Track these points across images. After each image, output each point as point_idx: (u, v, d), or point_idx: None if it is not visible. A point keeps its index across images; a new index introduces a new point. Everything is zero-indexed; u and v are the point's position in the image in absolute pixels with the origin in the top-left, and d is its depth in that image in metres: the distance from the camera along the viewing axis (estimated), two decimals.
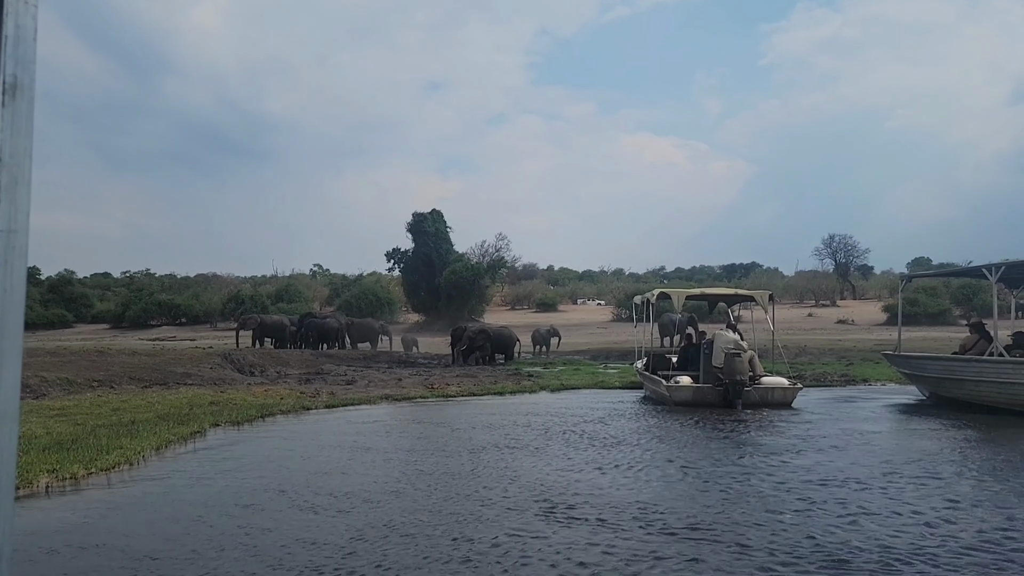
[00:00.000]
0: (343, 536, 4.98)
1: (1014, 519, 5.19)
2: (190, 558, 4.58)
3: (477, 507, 5.72)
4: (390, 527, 5.17)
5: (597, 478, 6.79)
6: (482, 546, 4.71)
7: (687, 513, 5.47)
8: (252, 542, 4.88)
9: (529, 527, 5.14)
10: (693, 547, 4.65)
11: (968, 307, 49.30)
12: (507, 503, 5.84)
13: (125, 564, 4.52)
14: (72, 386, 14.12)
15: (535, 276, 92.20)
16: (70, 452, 7.59)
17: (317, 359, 24.67)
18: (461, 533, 4.99)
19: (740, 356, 12.15)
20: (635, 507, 5.64)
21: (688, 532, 4.98)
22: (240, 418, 10.71)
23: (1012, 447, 8.54)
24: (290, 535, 5.01)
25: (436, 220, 62.74)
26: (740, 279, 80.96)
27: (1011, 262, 12.08)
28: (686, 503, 5.81)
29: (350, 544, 4.80)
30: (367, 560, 4.48)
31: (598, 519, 5.30)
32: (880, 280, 76.30)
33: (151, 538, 5.03)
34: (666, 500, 5.91)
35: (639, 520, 5.27)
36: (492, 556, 4.53)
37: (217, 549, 4.74)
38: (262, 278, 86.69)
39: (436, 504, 5.84)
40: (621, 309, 56.36)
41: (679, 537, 4.87)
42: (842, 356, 23.61)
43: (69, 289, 70.07)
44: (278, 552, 4.66)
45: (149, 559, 4.59)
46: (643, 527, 5.10)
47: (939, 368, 13.08)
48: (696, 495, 6.09)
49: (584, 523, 5.21)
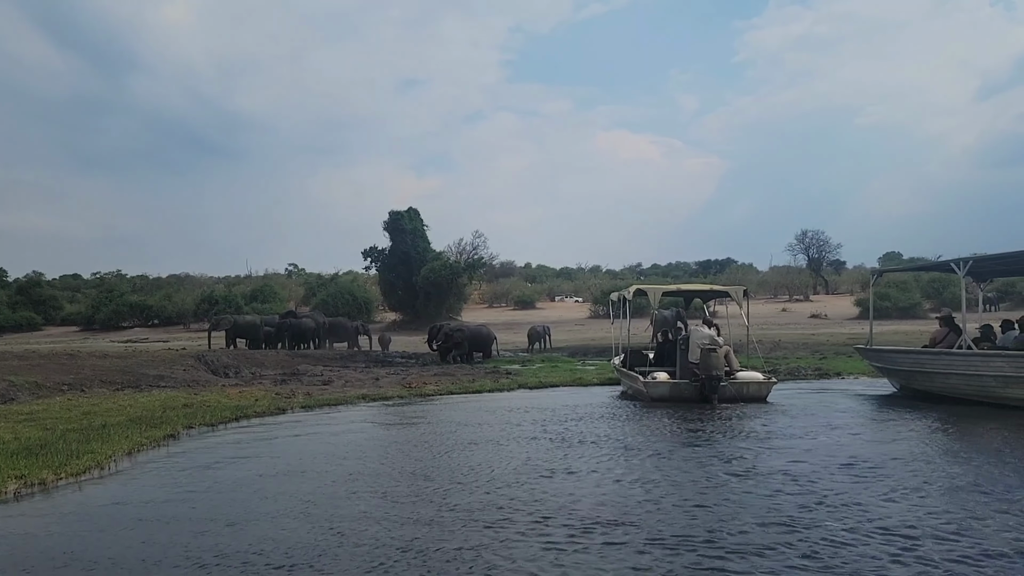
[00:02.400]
0: (302, 540, 4.92)
1: (974, 507, 5.29)
2: (156, 563, 4.52)
3: (436, 512, 5.64)
4: (341, 534, 5.05)
5: (561, 479, 6.79)
6: (434, 557, 4.60)
7: (660, 519, 5.49)
8: (218, 546, 4.82)
9: (498, 535, 5.11)
10: (668, 554, 4.67)
11: (938, 301, 50.06)
12: (472, 510, 5.80)
13: (88, 569, 4.45)
14: (41, 390, 13.88)
15: (513, 274, 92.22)
16: (39, 457, 7.47)
17: (293, 359, 24.45)
18: (412, 542, 4.83)
19: (716, 351, 12.23)
20: (602, 510, 5.65)
21: (656, 537, 5.00)
22: (214, 420, 10.60)
23: (979, 437, 8.68)
24: (256, 537, 4.96)
25: (413, 218, 62.48)
26: (715, 275, 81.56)
27: (979, 256, 12.28)
28: (655, 507, 5.82)
29: (300, 549, 4.74)
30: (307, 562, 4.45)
31: (565, 524, 5.28)
32: (852, 275, 77.28)
33: (117, 544, 4.95)
34: (636, 504, 5.93)
35: (601, 528, 5.25)
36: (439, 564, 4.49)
37: (183, 554, 4.68)
38: (236, 278, 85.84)
39: (390, 511, 5.73)
40: (599, 306, 56.55)
41: (654, 544, 4.89)
42: (815, 350, 23.87)
43: (38, 291, 68.87)
44: (244, 554, 4.61)
45: (113, 564, 4.51)
46: (605, 535, 5.11)
47: (910, 361, 13.27)
48: (666, 496, 6.11)
49: (541, 525, 5.21)
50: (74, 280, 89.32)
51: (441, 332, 25.58)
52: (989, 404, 11.06)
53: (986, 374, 11.25)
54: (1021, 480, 6.18)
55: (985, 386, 11.28)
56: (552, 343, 31.22)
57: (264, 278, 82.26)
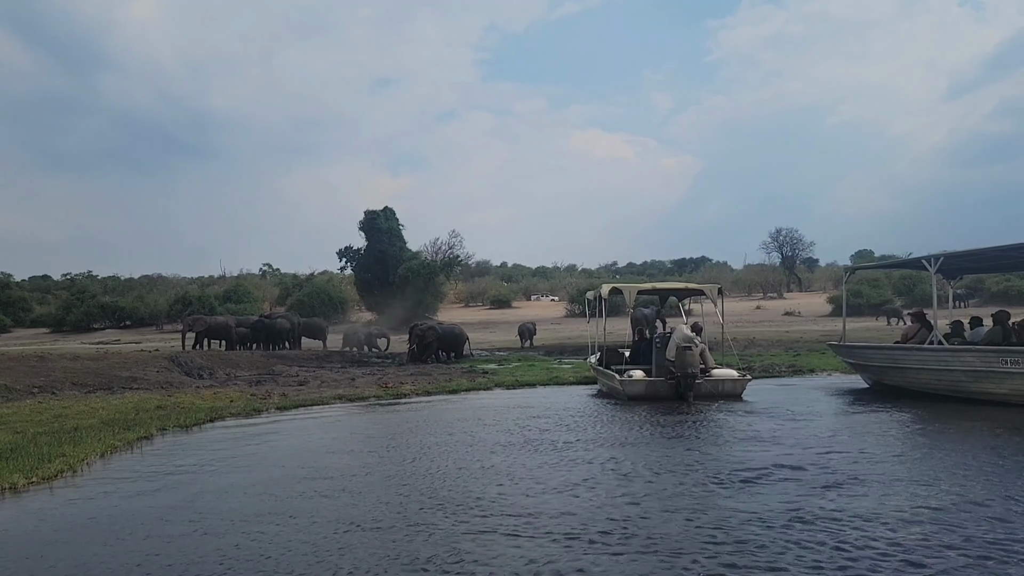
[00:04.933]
0: (276, 542, 4.90)
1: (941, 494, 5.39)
2: (128, 568, 4.46)
3: (415, 512, 5.68)
4: (317, 539, 5.07)
5: (535, 481, 6.81)
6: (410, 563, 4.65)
7: (640, 517, 5.53)
8: (194, 550, 4.77)
9: (478, 539, 5.12)
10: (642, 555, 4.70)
11: (909, 297, 50.83)
12: (457, 513, 5.81)
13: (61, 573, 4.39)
14: (11, 393, 13.63)
15: (489, 273, 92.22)
16: (9, 461, 7.34)
17: (268, 360, 24.20)
18: (381, 547, 4.85)
19: (691, 349, 12.31)
20: (569, 519, 5.68)
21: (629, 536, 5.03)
22: (188, 422, 10.47)
23: (952, 432, 8.84)
24: (231, 543, 4.92)
25: (389, 217, 62.22)
26: (690, 273, 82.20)
27: (948, 253, 12.49)
28: (633, 507, 5.87)
29: (277, 553, 4.72)
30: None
31: (546, 531, 5.31)
32: (825, 272, 78.28)
33: (88, 548, 4.88)
34: (615, 505, 5.96)
35: (573, 527, 5.29)
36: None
37: (156, 558, 4.62)
38: (210, 279, 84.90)
39: (370, 515, 5.74)
40: (574, 304, 56.69)
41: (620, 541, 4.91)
42: (789, 347, 24.11)
43: (6, 293, 67.53)
44: (217, 561, 4.57)
45: (83, 569, 4.45)
46: (579, 534, 5.14)
47: (882, 357, 13.45)
48: (643, 498, 6.16)
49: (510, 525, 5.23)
50: (44, 281, 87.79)
51: (412, 332, 25.45)
52: (959, 399, 11.25)
53: (957, 369, 11.44)
54: (997, 472, 6.31)
55: (956, 381, 11.47)
56: (514, 341, 31.46)
57: (238, 279, 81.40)
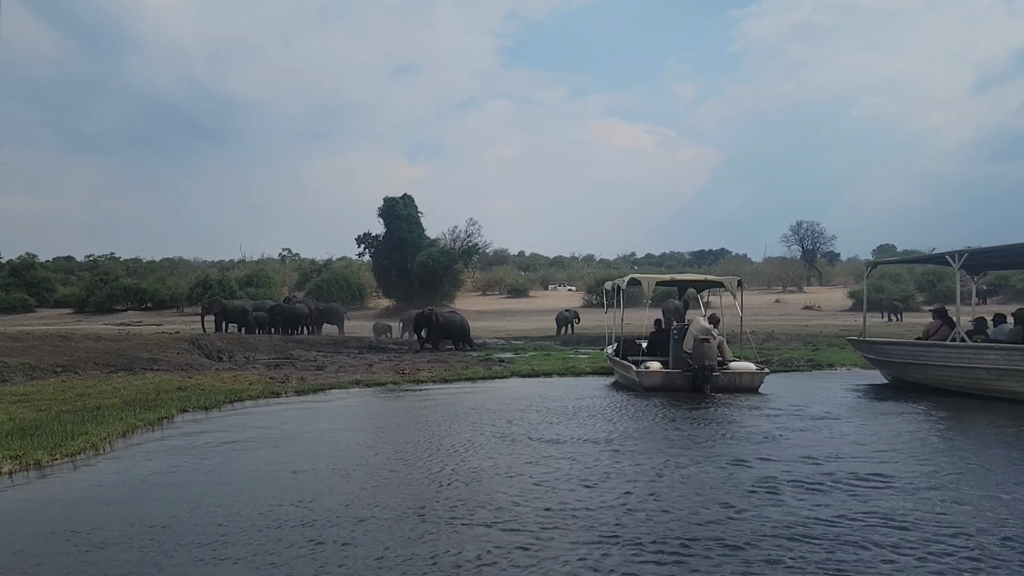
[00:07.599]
0: (297, 525, 4.95)
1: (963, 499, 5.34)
2: (143, 545, 4.52)
3: (428, 507, 5.71)
4: (322, 530, 5.14)
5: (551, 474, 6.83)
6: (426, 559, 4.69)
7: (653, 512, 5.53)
8: (214, 530, 4.83)
9: (493, 536, 5.15)
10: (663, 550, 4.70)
11: (931, 293, 50.29)
12: (475, 509, 5.84)
13: (76, 550, 4.46)
14: (35, 372, 13.84)
15: (506, 262, 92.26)
16: (34, 438, 7.46)
17: (286, 344, 24.42)
18: (388, 540, 4.88)
19: (709, 341, 12.26)
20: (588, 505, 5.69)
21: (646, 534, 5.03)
22: (208, 403, 10.59)
23: (976, 428, 8.75)
24: (246, 525, 4.97)
25: (408, 204, 62.41)
26: (710, 265, 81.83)
27: (973, 249, 12.32)
28: (652, 500, 5.87)
29: (300, 539, 4.78)
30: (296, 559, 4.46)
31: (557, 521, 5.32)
32: (846, 267, 77.59)
33: (107, 525, 4.95)
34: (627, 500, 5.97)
35: (585, 520, 5.30)
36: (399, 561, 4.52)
37: (178, 532, 4.69)
38: (230, 263, 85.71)
39: (360, 509, 5.80)
40: (592, 295, 56.66)
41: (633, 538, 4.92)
42: (808, 341, 23.95)
43: (31, 273, 68.66)
44: (239, 543, 4.62)
45: (99, 548, 4.51)
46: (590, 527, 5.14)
47: (903, 353, 13.32)
48: (664, 491, 6.16)
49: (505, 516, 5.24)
50: (67, 262, 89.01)
51: (419, 318, 25.37)
52: (981, 396, 11.13)
53: (979, 366, 11.32)
54: (1016, 472, 6.24)
55: (978, 378, 11.35)
56: (531, 331, 31.08)
57: (258, 263, 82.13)
